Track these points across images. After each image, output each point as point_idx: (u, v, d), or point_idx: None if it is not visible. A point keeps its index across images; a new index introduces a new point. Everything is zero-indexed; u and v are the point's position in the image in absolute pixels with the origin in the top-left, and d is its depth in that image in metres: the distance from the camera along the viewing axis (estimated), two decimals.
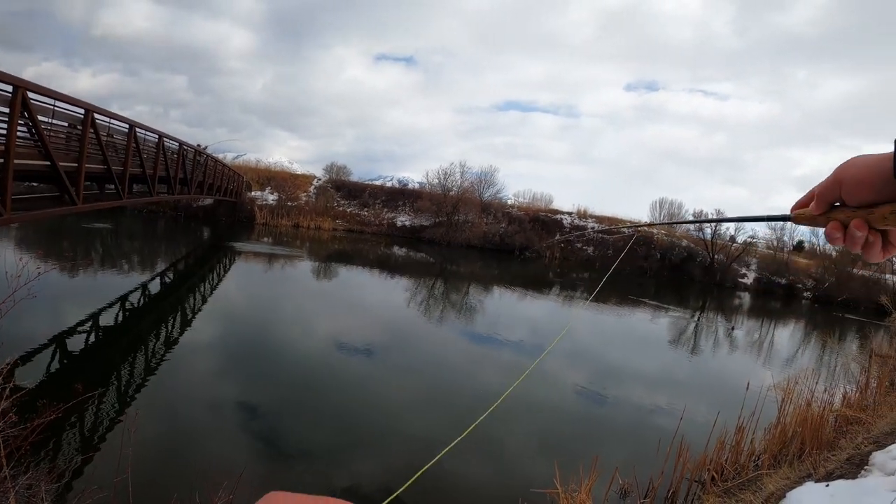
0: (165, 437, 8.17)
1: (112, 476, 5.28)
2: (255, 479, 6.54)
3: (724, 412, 9.45)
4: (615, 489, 7.71)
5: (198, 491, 5.04)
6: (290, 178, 53.08)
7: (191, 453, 7.60)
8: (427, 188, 53.79)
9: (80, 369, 10.41)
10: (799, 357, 20.94)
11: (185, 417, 9.14)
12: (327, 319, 18.29)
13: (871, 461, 6.09)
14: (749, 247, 50.26)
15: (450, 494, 7.91)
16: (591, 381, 14.53)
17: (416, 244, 46.86)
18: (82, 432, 7.93)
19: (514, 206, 55.54)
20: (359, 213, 51.82)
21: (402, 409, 10.87)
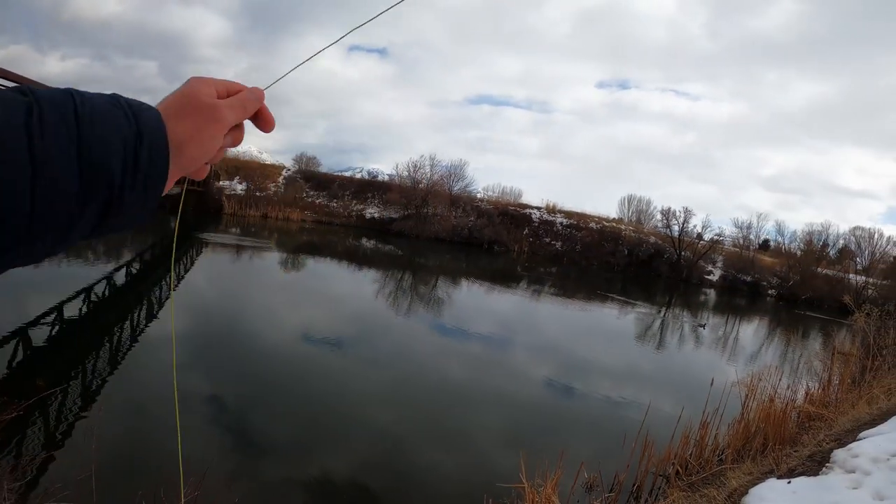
0: (130, 433, 8.03)
1: (76, 473, 5.20)
2: (221, 473, 6.45)
3: (689, 407, 9.52)
4: (581, 483, 7.72)
5: (163, 487, 4.94)
6: (260, 167, 52.79)
7: (156, 449, 7.47)
8: (397, 180, 53.79)
9: (44, 363, 10.18)
10: (763, 354, 21.25)
11: (150, 412, 8.98)
12: (295, 312, 18.16)
13: (832, 458, 6.16)
14: (715, 244, 50.97)
15: (417, 489, 7.89)
16: (558, 375, 14.60)
17: (385, 236, 46.79)
18: (46, 429, 7.76)
19: (484, 200, 55.93)
20: (328, 204, 51.66)
21: (368, 402, 10.81)
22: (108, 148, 0.61)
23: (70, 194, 0.58)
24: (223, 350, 12.65)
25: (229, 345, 13.08)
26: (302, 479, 7.53)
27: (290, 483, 7.46)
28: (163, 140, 0.69)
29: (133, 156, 0.64)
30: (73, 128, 0.59)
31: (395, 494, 7.63)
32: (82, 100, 0.62)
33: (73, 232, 0.63)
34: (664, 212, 53.21)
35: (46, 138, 0.56)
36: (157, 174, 0.69)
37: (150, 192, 0.69)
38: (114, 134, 0.62)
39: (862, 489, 5.09)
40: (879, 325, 17.31)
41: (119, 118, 0.64)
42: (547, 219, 53.80)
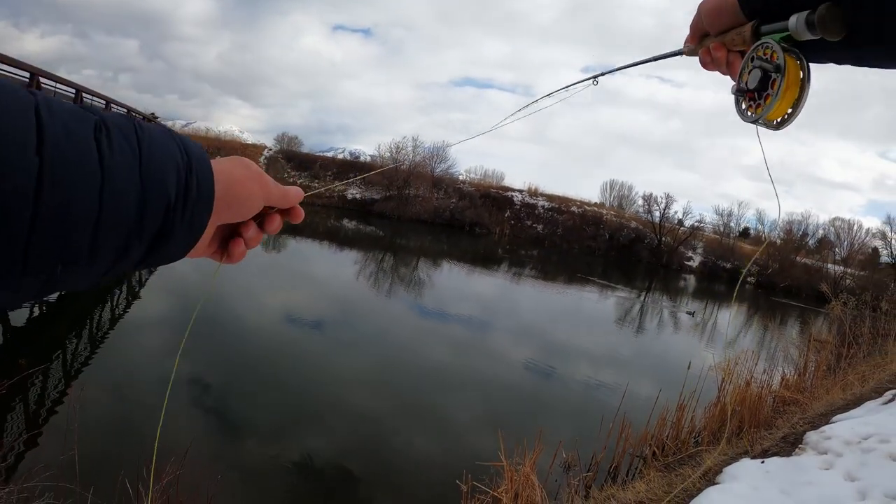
0: (112, 413, 8.02)
1: (58, 454, 5.18)
2: (202, 453, 6.45)
3: (666, 390, 9.63)
4: (559, 462, 7.80)
5: (145, 467, 4.95)
6: (240, 147, 52.32)
7: (138, 429, 7.45)
8: (379, 161, 53.49)
9: (24, 344, 10.10)
10: (741, 339, 21.48)
11: (131, 392, 8.97)
12: (275, 294, 18.10)
13: (805, 440, 6.25)
14: (696, 231, 51.30)
15: (397, 469, 7.95)
16: (538, 357, 14.68)
17: (366, 217, 46.58)
18: (27, 410, 7.73)
19: (466, 182, 55.84)
20: (309, 184, 51.22)
21: (348, 383, 10.84)
22: (166, 173, 0.62)
23: (132, 212, 0.58)
24: (202, 332, 12.59)
25: (209, 327, 13.01)
26: (282, 459, 7.56)
27: (271, 463, 7.48)
28: (210, 173, 0.70)
29: (185, 183, 0.64)
30: (136, 148, 0.59)
31: (376, 474, 7.67)
32: (140, 124, 0.62)
33: (129, 254, 0.62)
34: (646, 197, 53.51)
35: (114, 152, 0.56)
36: (203, 206, 0.69)
37: (195, 224, 0.69)
38: (170, 160, 0.63)
39: (834, 470, 5.19)
40: (855, 315, 17.58)
41: (173, 146, 0.65)
42: (529, 202, 53.83)
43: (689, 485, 5.47)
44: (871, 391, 9.43)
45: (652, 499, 5.27)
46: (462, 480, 6.18)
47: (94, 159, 0.54)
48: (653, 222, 50.87)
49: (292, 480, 7.16)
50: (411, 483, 7.68)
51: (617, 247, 49.80)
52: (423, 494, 7.36)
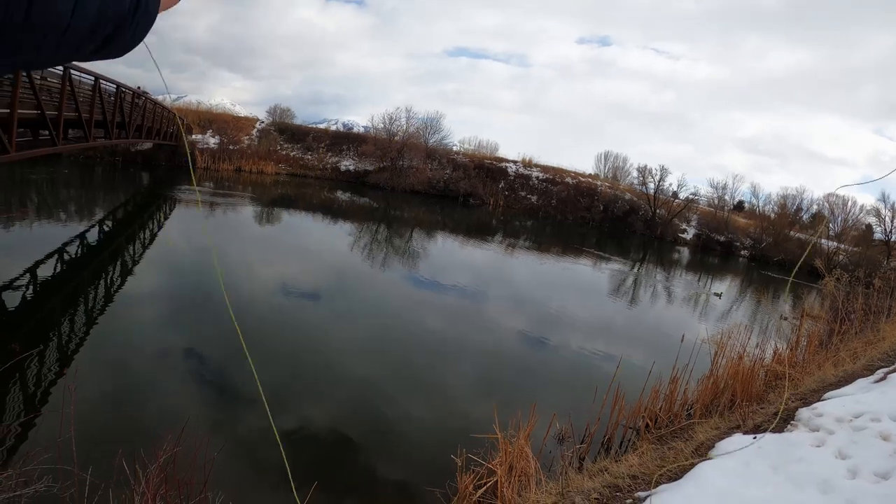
0: (108, 392, 8.05)
1: (55, 435, 5.19)
2: (199, 428, 6.50)
3: (660, 363, 9.71)
4: (553, 434, 7.89)
5: (142, 446, 4.99)
6: (233, 120, 51.72)
7: (135, 407, 7.51)
8: (372, 132, 53.14)
9: (18, 326, 10.08)
10: (734, 313, 21.57)
11: (127, 371, 9.01)
12: (270, 266, 18.09)
13: (797, 416, 6.31)
14: (690, 203, 51.21)
15: (393, 440, 8.03)
16: (532, 328, 14.77)
17: (360, 189, 46.45)
18: (23, 393, 7.74)
19: (460, 153, 55.51)
20: (302, 157, 50.92)
21: (344, 354, 10.91)
22: None
23: None
24: (199, 305, 12.62)
25: (205, 299, 13.03)
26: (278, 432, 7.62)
27: (267, 436, 7.55)
28: None
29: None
30: None
31: (372, 445, 7.75)
32: None
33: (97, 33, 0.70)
34: (640, 169, 53.29)
35: None
36: None
37: None
38: None
39: (825, 447, 5.25)
40: (848, 291, 17.64)
41: None
42: (523, 173, 53.61)
43: (681, 459, 5.54)
44: (862, 368, 9.50)
45: (644, 472, 5.34)
46: (457, 453, 6.26)
47: None
48: (647, 194, 50.78)
49: (288, 453, 7.22)
50: (407, 455, 7.76)
51: (611, 218, 49.72)
52: (419, 466, 7.44)
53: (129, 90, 22.73)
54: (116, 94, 20.46)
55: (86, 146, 18.73)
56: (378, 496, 6.66)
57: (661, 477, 5.09)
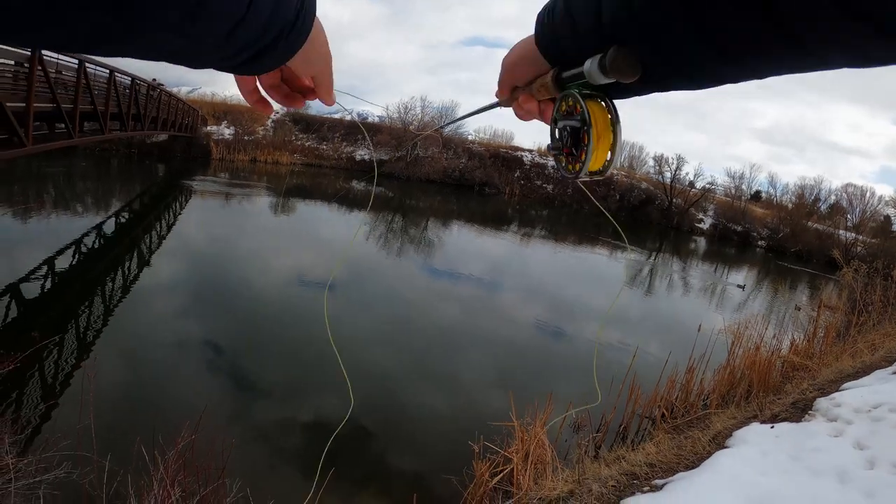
0: (127, 381, 8.14)
1: (75, 423, 5.24)
2: (218, 416, 6.55)
3: (676, 352, 9.71)
4: (569, 423, 7.91)
5: (160, 433, 5.04)
6: (248, 111, 51.65)
7: (153, 395, 7.59)
8: (387, 122, 52.96)
9: (37, 317, 10.20)
10: (750, 303, 21.40)
11: (145, 359, 9.11)
12: (286, 256, 18.18)
13: (814, 407, 6.30)
14: (707, 193, 50.83)
15: (410, 428, 8.06)
16: (548, 317, 14.74)
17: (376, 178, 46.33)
18: (43, 381, 7.84)
19: (475, 143, 55.22)
20: (317, 147, 50.94)
21: (360, 344, 10.92)
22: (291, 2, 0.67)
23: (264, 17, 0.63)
24: (216, 295, 12.72)
25: (222, 290, 13.14)
26: (296, 419, 7.68)
27: (285, 423, 7.61)
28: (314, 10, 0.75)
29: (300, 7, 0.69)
30: None
31: (390, 434, 7.78)
32: None
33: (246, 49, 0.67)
34: (657, 158, 52.81)
35: None
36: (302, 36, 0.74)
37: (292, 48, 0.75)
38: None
39: (843, 438, 5.24)
40: (866, 282, 17.53)
41: None
42: (539, 161, 53.32)
43: (698, 448, 5.54)
44: (880, 360, 9.47)
45: (661, 460, 5.34)
46: (474, 440, 6.28)
47: None
48: (663, 183, 50.38)
49: (305, 440, 7.28)
50: (424, 442, 7.79)
51: (627, 207, 49.30)
52: (435, 454, 7.47)
53: (143, 82, 22.84)
54: (131, 87, 20.55)
55: (102, 138, 18.84)
56: (395, 483, 6.69)
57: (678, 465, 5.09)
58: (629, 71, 0.71)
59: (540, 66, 0.88)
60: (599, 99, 0.84)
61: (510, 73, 0.97)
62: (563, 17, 0.77)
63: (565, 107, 0.87)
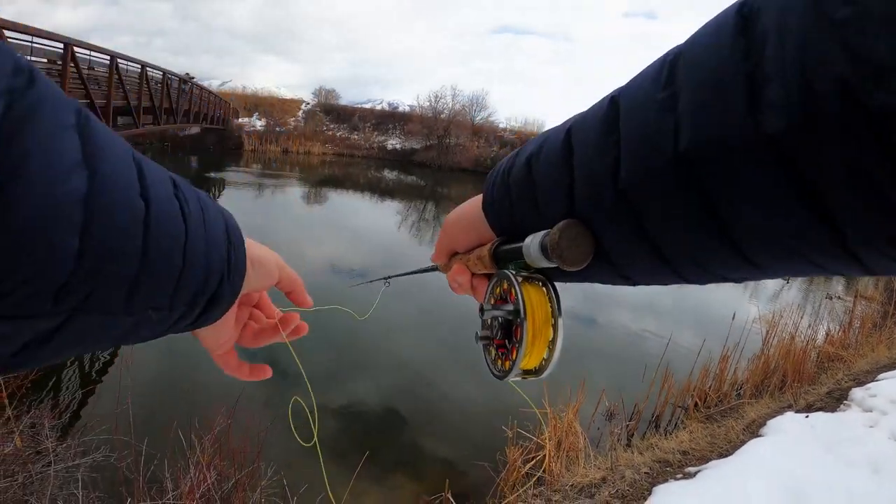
0: (163, 366, 8.30)
1: (113, 407, 5.37)
2: (253, 401, 6.64)
3: (710, 341, 9.60)
4: (602, 411, 7.91)
5: (197, 417, 5.14)
6: (278, 103, 52.28)
7: (189, 380, 7.69)
8: (418, 111, 53.24)
9: None
10: (785, 292, 21.09)
11: (181, 345, 9.25)
12: (319, 246, 18.31)
13: (850, 397, 6.26)
14: None
15: (442, 414, 8.12)
16: (580, 305, 14.67)
17: (407, 167, 46.59)
18: (81, 367, 8.03)
19: (507, 130, 54.95)
20: (348, 136, 51.29)
21: (391, 332, 11.02)
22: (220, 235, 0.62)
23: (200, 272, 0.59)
24: None
25: None
26: (329, 406, 7.77)
27: (319, 409, 7.70)
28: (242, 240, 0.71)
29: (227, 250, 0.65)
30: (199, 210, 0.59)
31: (422, 419, 7.88)
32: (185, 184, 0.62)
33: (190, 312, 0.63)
34: None
35: (191, 210, 0.57)
36: (241, 271, 0.69)
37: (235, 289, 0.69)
38: (219, 222, 0.64)
39: (878, 428, 5.21)
40: None
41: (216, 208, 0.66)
42: None
43: (732, 436, 5.53)
44: None
45: (695, 448, 5.35)
46: (507, 426, 6.32)
47: (179, 212, 0.55)
48: None
49: (339, 425, 7.37)
50: (458, 428, 7.85)
51: None
52: (468, 439, 7.51)
53: (175, 76, 23.11)
54: (163, 81, 20.82)
55: (135, 132, 19.10)
56: (427, 468, 6.75)
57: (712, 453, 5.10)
58: (577, 258, 0.59)
59: (482, 232, 0.77)
60: (540, 283, 0.74)
61: (449, 235, 0.87)
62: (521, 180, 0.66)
63: (499, 290, 0.75)
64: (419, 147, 49.74)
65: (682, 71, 0.46)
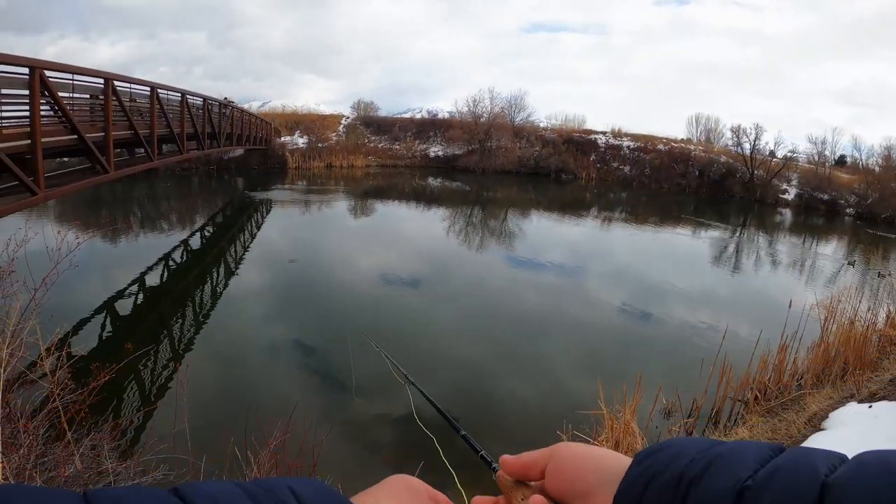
0: (219, 386, 8.52)
1: (170, 427, 5.48)
2: (307, 414, 6.68)
3: (767, 331, 9.40)
4: (659, 409, 7.80)
5: (253, 433, 5.21)
6: (319, 119, 52.81)
7: (244, 397, 7.83)
8: (457, 117, 53.23)
9: (132, 329, 10.81)
10: (842, 275, 20.51)
11: (235, 363, 9.49)
12: (369, 255, 18.56)
13: None
14: (789, 162, 48.67)
15: (498, 416, 8.15)
16: (633, 300, 14.55)
17: (451, 173, 46.65)
18: (140, 389, 8.28)
19: (547, 129, 54.78)
20: (390, 147, 51.58)
21: (448, 336, 11.12)
22: None
23: None
24: (303, 297, 13.12)
25: (309, 292, 13.56)
26: (388, 413, 7.82)
27: (377, 419, 7.77)
28: None
29: None
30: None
31: (478, 423, 7.88)
32: None
33: None
34: (734, 129, 50.64)
35: None
36: None
37: None
38: None
39: None
40: None
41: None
42: (613, 143, 52.49)
43: (793, 431, 5.40)
44: None
45: None
46: (562, 428, 6.28)
47: None
48: (743, 155, 48.48)
49: (398, 430, 7.41)
50: (513, 431, 7.84)
51: (708, 183, 47.86)
52: (524, 443, 7.45)
53: (215, 101, 23.52)
54: (204, 107, 21.19)
55: (180, 158, 19.54)
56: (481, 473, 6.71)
57: None
58: None
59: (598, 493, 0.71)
60: None
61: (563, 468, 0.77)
62: None
63: None
64: (461, 152, 49.82)
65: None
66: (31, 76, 8.81)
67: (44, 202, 9.82)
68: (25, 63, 8.87)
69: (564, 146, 51.16)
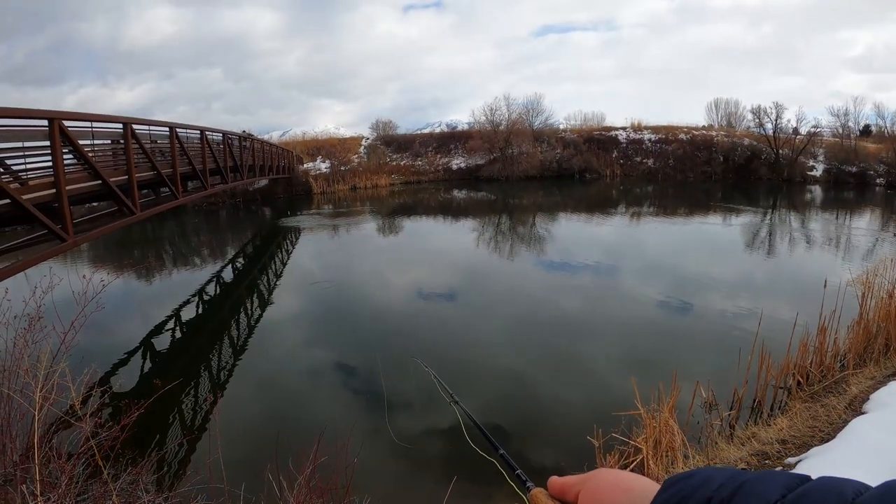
0: (252, 413, 8.66)
1: (205, 458, 5.54)
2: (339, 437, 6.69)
3: (804, 313, 9.18)
4: (698, 404, 7.66)
5: (286, 460, 5.24)
6: (339, 143, 53.35)
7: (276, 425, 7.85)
8: (476, 127, 53.41)
9: (168, 365, 10.98)
10: (878, 248, 20.10)
11: (270, 389, 9.64)
12: (401, 272, 18.65)
13: None
14: (814, 137, 47.82)
15: (538, 423, 8.10)
16: (667, 294, 14.38)
17: (475, 184, 46.86)
18: (177, 422, 8.39)
19: (567, 130, 54.85)
20: (412, 163, 51.86)
21: (486, 344, 11.11)
22: None
23: None
24: (338, 319, 13.21)
25: (343, 313, 13.67)
26: (430, 424, 7.82)
27: (420, 432, 7.76)
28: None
29: None
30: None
31: (518, 429, 7.92)
32: None
33: None
34: (754, 110, 50.03)
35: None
36: None
37: None
38: None
39: None
40: None
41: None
42: (634, 137, 52.29)
43: (834, 417, 5.28)
44: None
45: (794, 435, 5.13)
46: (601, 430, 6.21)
47: None
48: (766, 136, 47.88)
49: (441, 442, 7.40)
50: (553, 436, 7.80)
51: (733, 168, 47.36)
52: (565, 448, 7.43)
53: (234, 135, 23.81)
54: (224, 142, 21.44)
55: (205, 194, 19.77)
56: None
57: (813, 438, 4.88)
58: None
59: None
60: None
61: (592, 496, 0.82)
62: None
63: None
64: (483, 162, 49.91)
65: None
66: (51, 127, 9.00)
67: (74, 248, 10.00)
68: (44, 115, 9.10)
69: (586, 146, 51.10)
